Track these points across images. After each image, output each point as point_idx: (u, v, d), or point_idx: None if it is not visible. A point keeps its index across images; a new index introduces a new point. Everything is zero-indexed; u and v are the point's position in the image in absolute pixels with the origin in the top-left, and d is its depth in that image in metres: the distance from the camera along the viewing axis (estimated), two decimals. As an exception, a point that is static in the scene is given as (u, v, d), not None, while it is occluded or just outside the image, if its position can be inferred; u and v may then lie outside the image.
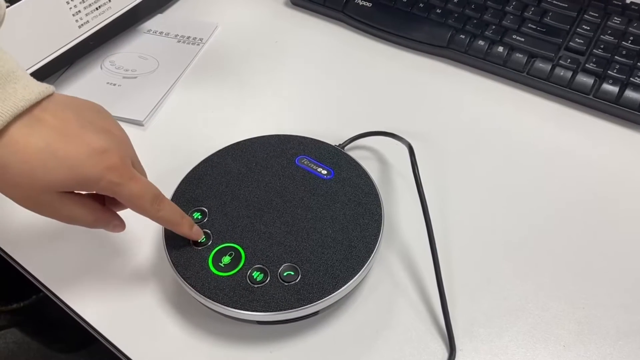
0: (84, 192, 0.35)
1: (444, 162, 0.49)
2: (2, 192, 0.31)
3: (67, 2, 0.51)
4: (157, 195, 0.35)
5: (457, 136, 0.51)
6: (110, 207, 0.37)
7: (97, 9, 0.54)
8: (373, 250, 0.38)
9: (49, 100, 0.32)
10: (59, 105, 0.32)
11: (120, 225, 0.37)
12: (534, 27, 0.56)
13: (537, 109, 0.53)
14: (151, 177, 0.48)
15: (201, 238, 0.38)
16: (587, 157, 0.49)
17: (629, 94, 0.50)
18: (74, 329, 1.01)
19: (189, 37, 0.61)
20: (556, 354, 0.37)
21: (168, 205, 0.36)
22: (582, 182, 0.47)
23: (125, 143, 0.35)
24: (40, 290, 0.85)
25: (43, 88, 0.31)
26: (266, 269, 0.37)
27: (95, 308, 0.40)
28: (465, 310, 0.39)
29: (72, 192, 0.33)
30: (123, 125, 0.52)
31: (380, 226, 0.39)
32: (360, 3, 0.61)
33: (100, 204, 0.36)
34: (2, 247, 0.44)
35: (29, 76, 0.32)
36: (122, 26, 0.60)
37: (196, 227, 0.38)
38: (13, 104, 0.29)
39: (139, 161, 0.38)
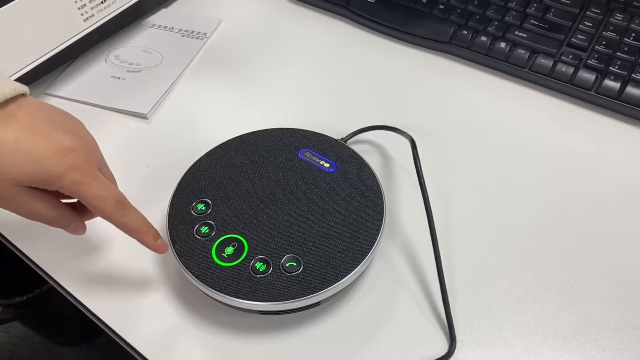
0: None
1: (445, 156, 0.49)
2: None
3: (73, -4, 0.51)
4: (121, 201, 0.35)
5: (458, 131, 0.51)
6: (81, 214, 0.38)
7: (102, 2, 0.54)
8: (375, 242, 0.38)
9: (23, 99, 0.33)
10: (32, 105, 0.34)
11: (81, 227, 0.37)
12: (537, 23, 0.56)
13: (538, 105, 0.54)
14: (155, 169, 0.49)
15: (165, 252, 0.38)
16: (588, 153, 0.49)
17: (631, 90, 0.50)
18: (76, 323, 1.02)
19: (193, 32, 0.61)
20: (555, 346, 0.37)
21: (133, 212, 0.36)
22: (583, 177, 0.47)
23: (92, 146, 0.36)
24: (43, 284, 0.86)
25: (17, 86, 0.33)
26: (269, 259, 0.37)
27: (100, 298, 0.41)
28: (466, 303, 0.40)
29: (37, 189, 0.34)
30: (127, 118, 0.53)
31: (382, 218, 0.40)
32: (364, -1, 0.61)
33: (61, 203, 0.36)
34: (9, 238, 0.44)
35: (4, 74, 0.33)
36: (127, 20, 0.60)
37: (161, 240, 0.38)
38: None
39: (107, 166, 0.38)
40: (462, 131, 0.51)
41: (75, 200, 0.37)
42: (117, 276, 0.42)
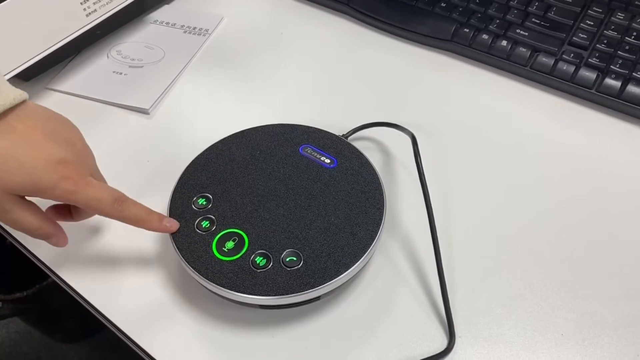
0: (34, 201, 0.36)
1: (446, 153, 0.49)
2: None
3: (75, -9, 0.52)
4: (118, 197, 0.36)
5: (459, 129, 0.51)
6: (75, 216, 0.39)
7: (104, -2, 0.54)
8: (375, 238, 0.38)
9: (22, 107, 0.34)
10: (29, 114, 0.34)
11: (62, 239, 0.38)
12: (538, 21, 0.56)
13: (539, 103, 0.54)
14: (156, 164, 0.49)
15: (176, 228, 0.38)
16: (589, 151, 0.49)
17: (631, 88, 0.50)
18: (77, 319, 1.02)
19: (194, 28, 0.62)
20: (554, 343, 0.38)
21: (131, 204, 0.37)
22: (583, 175, 0.48)
23: (85, 155, 0.37)
24: (43, 280, 0.86)
25: (17, 94, 0.33)
26: (269, 254, 0.37)
27: (101, 293, 0.41)
28: (465, 299, 0.40)
29: (25, 198, 0.35)
30: (129, 113, 0.53)
31: (382, 214, 0.40)
32: (366, -4, 0.61)
33: (45, 215, 0.37)
34: (10, 232, 0.44)
35: (5, 81, 0.34)
36: (129, 16, 0.60)
37: (168, 219, 0.38)
38: None
39: (100, 175, 0.39)
40: (462, 129, 0.51)
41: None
42: (119, 270, 0.42)
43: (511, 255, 0.42)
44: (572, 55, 0.53)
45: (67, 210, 0.39)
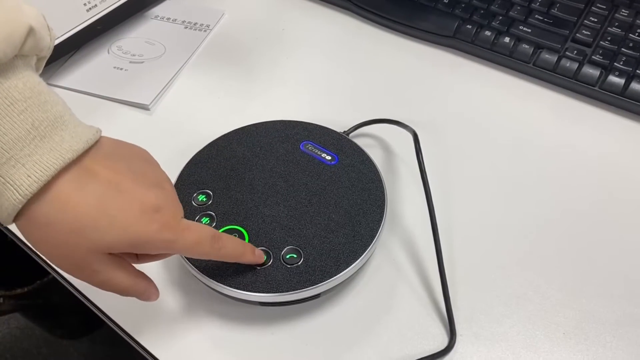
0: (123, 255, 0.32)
1: (448, 151, 0.49)
2: (41, 250, 0.28)
3: (76, -14, 0.51)
4: (214, 236, 0.32)
5: (461, 126, 0.51)
6: (142, 259, 0.34)
7: (105, -7, 0.54)
8: (376, 235, 0.38)
9: (98, 147, 0.29)
10: (109, 154, 0.30)
11: (154, 293, 0.33)
12: (541, 18, 0.56)
13: (542, 100, 0.53)
14: (156, 160, 0.48)
15: (262, 260, 0.36)
16: (592, 149, 0.49)
17: (635, 86, 0.50)
18: (77, 315, 1.02)
19: (195, 24, 0.61)
20: (556, 341, 0.37)
21: (227, 240, 0.33)
22: (586, 173, 0.47)
23: (173, 192, 0.33)
24: (44, 276, 0.86)
25: (90, 135, 0.28)
26: (269, 251, 0.37)
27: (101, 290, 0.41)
28: (466, 297, 0.40)
29: (115, 255, 0.30)
30: (129, 109, 0.53)
31: (383, 211, 0.39)
32: (368, -8, 0.61)
33: (136, 270, 0.32)
34: (12, 229, 0.44)
35: (77, 119, 0.29)
36: (130, 11, 0.60)
37: (258, 250, 0.36)
38: (59, 155, 0.27)
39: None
40: (465, 126, 0.51)
41: None
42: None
43: (513, 253, 0.42)
44: (575, 52, 0.53)
45: (133, 253, 0.34)
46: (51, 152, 0.26)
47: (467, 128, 0.51)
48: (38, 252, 0.28)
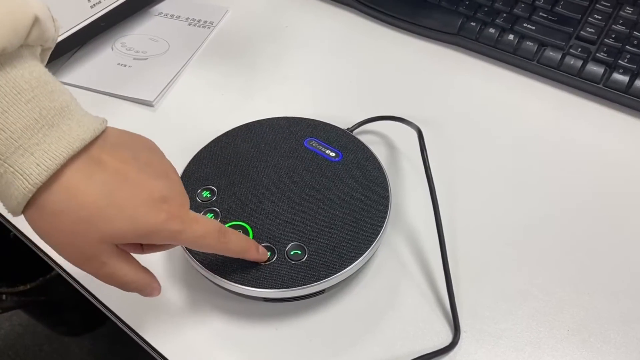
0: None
1: (452, 148, 0.49)
2: (50, 241, 0.28)
3: (80, -18, 0.51)
4: (220, 230, 0.32)
5: (465, 123, 0.51)
6: (148, 249, 0.34)
7: (109, -11, 0.54)
8: (380, 231, 0.38)
9: (104, 137, 0.29)
10: (116, 144, 0.29)
11: (157, 288, 0.33)
12: (545, 15, 0.56)
13: (546, 98, 0.53)
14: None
15: (266, 258, 0.36)
16: (596, 146, 0.49)
17: (639, 83, 0.50)
18: (80, 312, 1.02)
19: (199, 21, 0.61)
20: (560, 338, 0.37)
21: (232, 234, 0.33)
22: (590, 170, 0.47)
23: (181, 184, 0.33)
24: (47, 273, 0.86)
25: (97, 124, 0.28)
26: (273, 247, 0.37)
27: (105, 285, 0.40)
28: (470, 293, 0.40)
29: (121, 249, 0.30)
30: (133, 105, 0.53)
31: (388, 208, 0.39)
32: (371, -11, 0.61)
33: (141, 265, 0.32)
34: (14, 223, 0.44)
35: (82, 109, 0.29)
36: (134, 8, 0.60)
37: (262, 248, 0.36)
38: (68, 144, 0.27)
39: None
40: (469, 123, 0.51)
41: None
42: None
43: (517, 249, 0.42)
44: (579, 49, 0.53)
45: (138, 244, 0.34)
46: (59, 140, 0.26)
47: (471, 125, 0.51)
48: (47, 244, 0.28)
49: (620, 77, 0.51)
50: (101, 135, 0.29)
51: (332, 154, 0.43)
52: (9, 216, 0.45)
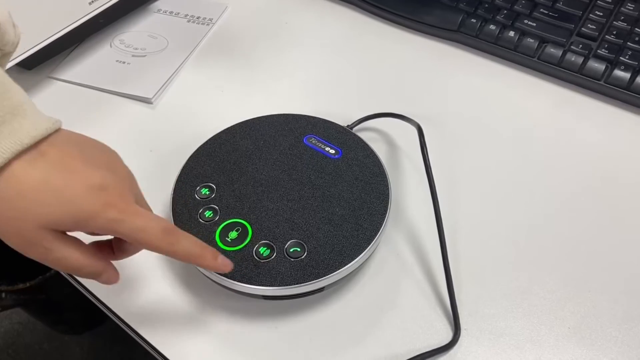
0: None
1: (452, 145, 0.49)
2: None
3: (78, -22, 0.51)
4: (167, 228, 0.31)
5: (466, 120, 0.51)
6: (118, 253, 0.35)
7: (107, -14, 0.54)
8: (380, 229, 0.38)
9: (55, 135, 0.30)
10: (65, 141, 0.31)
11: (114, 276, 0.33)
12: (546, 12, 0.55)
13: (547, 95, 0.53)
14: (159, 153, 0.48)
15: (230, 269, 0.34)
16: (597, 143, 0.49)
17: (641, 80, 0.50)
18: (79, 311, 1.02)
19: (198, 17, 0.61)
20: (561, 336, 0.37)
21: (183, 237, 0.32)
22: (591, 168, 0.47)
23: (128, 180, 0.33)
24: (46, 271, 0.86)
25: (50, 124, 0.30)
26: (273, 244, 0.37)
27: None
28: (471, 291, 0.39)
29: (65, 233, 0.31)
30: (132, 102, 0.53)
31: (388, 205, 0.39)
32: (371, -14, 0.60)
33: (93, 250, 0.32)
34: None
35: (37, 110, 0.30)
36: (132, 4, 0.60)
37: (222, 257, 0.34)
38: (17, 140, 0.28)
39: (145, 201, 0.35)
40: (469, 120, 0.51)
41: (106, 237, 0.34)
42: (121, 262, 0.41)
43: (517, 247, 0.42)
44: (580, 46, 0.53)
45: (109, 247, 0.35)
46: (9, 136, 0.28)
47: (472, 122, 0.51)
48: None
49: (621, 74, 0.50)
50: (53, 134, 0.30)
51: (332, 151, 0.43)
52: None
